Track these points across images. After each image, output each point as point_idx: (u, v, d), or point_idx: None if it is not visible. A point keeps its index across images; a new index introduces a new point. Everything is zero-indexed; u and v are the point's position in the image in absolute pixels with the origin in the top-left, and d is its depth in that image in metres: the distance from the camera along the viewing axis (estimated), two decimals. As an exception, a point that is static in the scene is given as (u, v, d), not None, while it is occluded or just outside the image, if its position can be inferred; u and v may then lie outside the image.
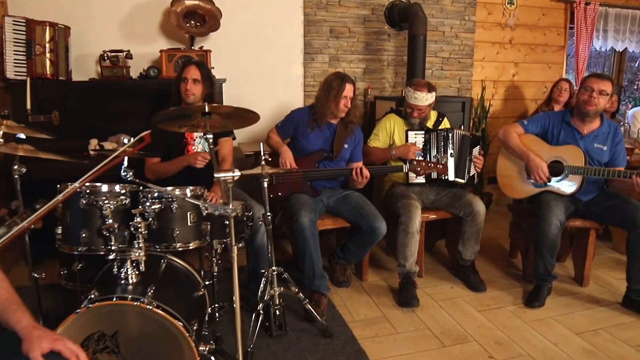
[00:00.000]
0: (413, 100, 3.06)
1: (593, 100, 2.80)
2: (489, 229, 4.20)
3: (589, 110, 2.83)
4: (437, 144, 3.04)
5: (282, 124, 3.06)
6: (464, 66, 4.63)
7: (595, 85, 2.80)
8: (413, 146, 3.00)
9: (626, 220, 2.73)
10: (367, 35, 4.33)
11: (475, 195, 3.05)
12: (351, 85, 2.87)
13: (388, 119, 3.21)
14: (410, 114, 3.11)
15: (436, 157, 3.03)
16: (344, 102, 2.87)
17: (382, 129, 3.19)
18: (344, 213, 2.93)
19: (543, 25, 4.98)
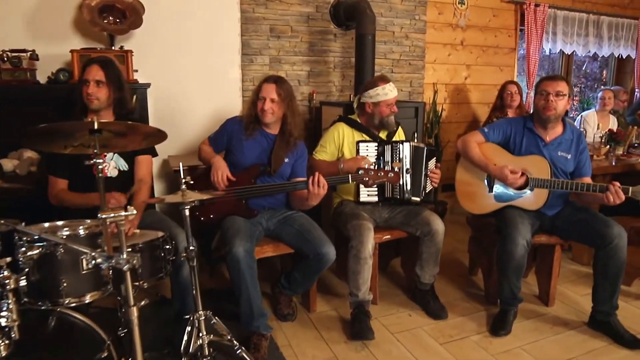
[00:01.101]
0: (384, 96, 2.74)
1: (551, 104, 2.57)
2: (444, 242, 3.94)
3: (549, 116, 2.59)
4: (392, 157, 2.71)
5: (214, 135, 2.67)
6: (415, 68, 4.36)
7: (550, 87, 2.58)
8: (364, 159, 2.66)
9: (595, 237, 2.50)
10: (312, 34, 3.97)
11: (433, 213, 2.73)
12: (271, 85, 2.50)
13: (336, 128, 2.85)
14: (389, 115, 2.79)
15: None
16: (262, 104, 2.49)
17: (330, 140, 2.83)
18: (286, 238, 2.55)
19: (494, 27, 4.80)
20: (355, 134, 2.82)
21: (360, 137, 2.80)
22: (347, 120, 2.87)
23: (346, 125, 2.84)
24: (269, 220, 2.60)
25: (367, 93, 2.77)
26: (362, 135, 2.81)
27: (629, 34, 5.72)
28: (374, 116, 2.78)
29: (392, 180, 2.39)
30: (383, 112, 2.77)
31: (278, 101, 2.50)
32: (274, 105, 2.50)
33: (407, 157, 2.69)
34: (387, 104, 2.76)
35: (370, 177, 2.38)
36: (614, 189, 2.37)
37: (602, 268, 2.52)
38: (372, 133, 2.81)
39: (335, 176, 2.48)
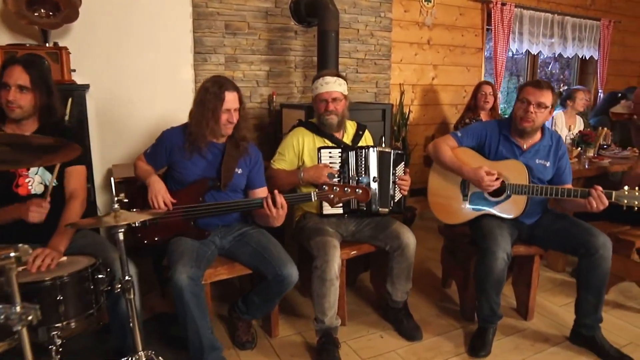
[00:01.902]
0: (323, 88, 2.48)
1: (529, 115, 2.37)
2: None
3: (525, 127, 2.41)
4: (357, 165, 2.46)
5: (151, 150, 2.32)
6: (381, 68, 4.14)
7: (533, 97, 2.36)
8: (326, 168, 2.40)
9: (578, 247, 2.32)
10: (271, 32, 3.69)
11: (403, 225, 2.50)
12: (234, 93, 2.18)
13: (295, 134, 2.58)
14: (324, 113, 2.50)
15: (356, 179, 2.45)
16: (227, 116, 2.18)
17: (289, 147, 2.55)
18: (242, 257, 2.26)
19: (461, 26, 4.65)
20: (316, 140, 2.55)
21: (322, 142, 2.54)
22: (307, 125, 2.60)
23: (306, 130, 2.57)
24: (223, 238, 2.31)
25: (313, 85, 2.54)
26: (324, 140, 2.55)
27: (592, 35, 5.70)
28: (315, 113, 2.54)
29: (361, 198, 2.14)
30: (319, 107, 2.51)
31: (238, 109, 2.22)
32: (236, 114, 2.21)
33: (373, 164, 2.45)
34: (320, 99, 2.50)
35: (335, 195, 2.12)
36: (597, 193, 2.19)
37: (586, 279, 2.34)
38: (335, 138, 2.55)
39: (295, 194, 2.21)
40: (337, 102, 2.49)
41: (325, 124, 2.52)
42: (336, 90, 2.49)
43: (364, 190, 2.11)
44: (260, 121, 3.73)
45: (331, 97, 2.48)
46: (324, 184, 2.16)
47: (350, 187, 2.12)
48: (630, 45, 6.41)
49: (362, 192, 2.11)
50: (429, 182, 2.62)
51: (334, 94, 2.48)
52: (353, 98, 3.99)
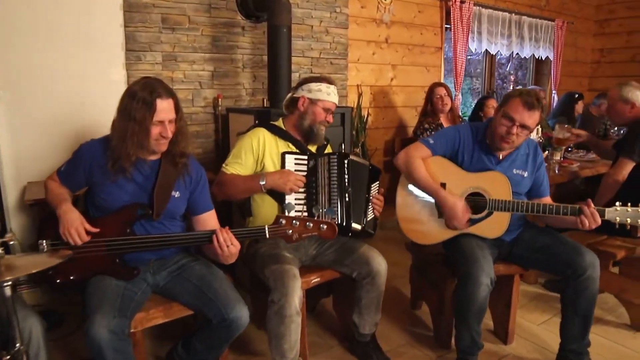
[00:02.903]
0: (326, 96, 2.18)
1: (511, 137, 2.10)
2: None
3: (503, 148, 2.16)
4: (329, 175, 2.11)
5: (66, 167, 1.86)
6: (337, 68, 3.82)
7: (520, 117, 2.06)
8: (294, 174, 2.05)
9: (563, 267, 2.08)
10: (215, 27, 3.29)
11: (372, 248, 2.18)
12: (169, 100, 1.75)
13: (255, 134, 2.19)
14: (321, 123, 2.19)
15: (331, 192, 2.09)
16: (159, 130, 1.76)
17: (247, 149, 2.16)
18: (181, 296, 1.86)
19: (419, 24, 4.41)
20: (279, 144, 2.19)
21: (285, 147, 2.18)
22: (269, 126, 2.23)
23: (268, 132, 2.20)
24: (156, 274, 1.90)
25: (308, 86, 2.19)
26: (288, 145, 2.19)
27: (547, 35, 5.64)
28: (305, 117, 2.19)
29: (326, 235, 1.77)
30: (318, 115, 2.18)
31: (174, 120, 1.81)
32: (172, 126, 1.81)
33: (346, 174, 2.11)
34: (325, 107, 2.19)
35: (295, 230, 1.75)
36: (590, 211, 1.95)
37: (572, 302, 2.11)
38: (300, 144, 2.20)
39: (244, 230, 1.81)
40: (332, 114, 2.24)
41: (316, 133, 2.20)
42: (336, 102, 2.24)
43: (329, 226, 1.74)
44: (204, 128, 3.33)
45: (332, 109, 2.21)
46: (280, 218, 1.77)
47: (313, 222, 1.75)
48: (581, 46, 6.44)
49: (328, 228, 1.74)
50: (398, 196, 2.31)
51: (334, 107, 2.23)
52: (308, 101, 3.65)
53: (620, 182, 2.63)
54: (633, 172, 2.67)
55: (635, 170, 2.67)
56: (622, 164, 2.65)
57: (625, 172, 2.64)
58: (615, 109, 2.84)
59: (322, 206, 2.05)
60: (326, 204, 2.06)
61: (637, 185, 2.64)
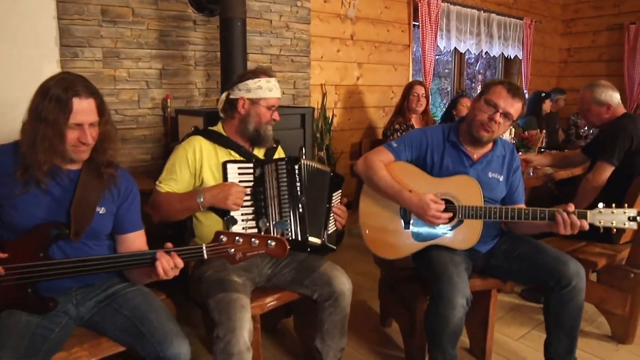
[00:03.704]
0: (267, 92, 1.91)
1: (492, 125, 1.90)
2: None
3: (483, 137, 1.94)
4: (278, 184, 1.85)
5: None
6: (299, 66, 3.58)
7: (503, 103, 1.88)
8: (235, 187, 1.78)
9: (545, 278, 1.88)
10: (163, 20, 2.99)
11: (335, 266, 1.93)
12: (89, 99, 1.47)
13: (190, 144, 1.92)
14: (268, 123, 1.93)
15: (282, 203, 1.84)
16: (77, 134, 1.47)
17: (181, 162, 1.88)
18: (111, 330, 1.57)
19: (386, 20, 4.21)
20: (219, 152, 1.92)
21: (227, 155, 1.91)
22: (207, 133, 1.95)
23: (205, 140, 1.92)
24: (80, 305, 1.61)
25: (245, 84, 1.92)
26: (230, 153, 1.92)
27: (516, 34, 5.54)
28: (248, 121, 1.92)
29: (275, 253, 1.51)
30: (262, 115, 1.92)
31: (96, 123, 1.52)
32: (94, 131, 1.52)
33: (301, 182, 1.86)
34: (268, 105, 1.93)
35: (238, 249, 1.49)
36: (567, 217, 1.76)
37: (557, 316, 1.92)
38: (244, 150, 1.94)
39: (178, 249, 1.54)
40: (276, 110, 1.96)
41: (265, 136, 1.94)
42: (279, 97, 1.97)
43: (278, 243, 1.48)
44: (152, 131, 3.02)
45: (277, 104, 1.95)
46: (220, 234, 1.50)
47: (260, 238, 1.49)
48: (549, 46, 6.39)
49: (277, 244, 1.48)
50: (360, 206, 2.08)
51: (278, 102, 1.97)
52: (268, 101, 3.39)
53: (600, 187, 2.48)
54: (611, 176, 2.52)
55: (613, 174, 2.52)
56: (601, 169, 2.50)
57: (605, 176, 2.48)
58: (591, 112, 2.69)
59: (272, 219, 1.80)
60: (277, 217, 1.81)
61: (614, 190, 2.48)
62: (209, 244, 1.51)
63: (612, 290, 2.42)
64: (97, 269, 1.55)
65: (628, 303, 2.37)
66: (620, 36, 5.90)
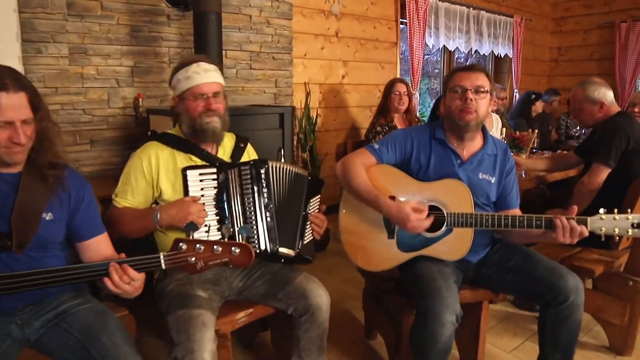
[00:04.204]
0: (200, 78, 1.67)
1: (470, 105, 1.76)
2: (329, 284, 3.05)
3: (469, 122, 1.78)
4: (242, 190, 1.69)
5: None
6: (281, 64, 3.42)
7: (467, 81, 1.78)
8: (193, 205, 1.60)
9: (542, 291, 1.73)
10: (134, 15, 2.82)
11: (311, 277, 1.77)
12: (18, 94, 1.28)
13: (145, 152, 1.73)
14: (204, 115, 1.68)
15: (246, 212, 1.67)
16: (7, 134, 1.29)
17: (136, 171, 1.70)
18: (60, 353, 1.40)
19: (372, 17, 4.07)
20: (178, 158, 1.73)
21: (187, 161, 1.73)
22: (163, 138, 1.77)
23: (162, 146, 1.74)
24: (26, 326, 1.43)
25: (174, 82, 1.74)
26: (191, 157, 1.75)
27: (506, 32, 5.43)
28: (182, 119, 1.73)
29: (239, 261, 1.34)
30: (192, 109, 1.69)
31: (30, 120, 1.35)
32: (28, 129, 1.35)
33: (269, 188, 1.70)
34: (195, 94, 1.69)
35: (198, 257, 1.32)
36: (567, 222, 1.61)
37: (552, 333, 1.76)
38: (205, 153, 1.76)
39: (134, 259, 1.37)
40: (219, 98, 1.71)
41: (205, 130, 1.70)
42: (218, 81, 1.72)
43: (243, 250, 1.32)
44: (124, 133, 2.85)
45: (212, 90, 1.69)
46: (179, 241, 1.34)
47: (223, 245, 1.32)
48: (540, 44, 6.29)
49: (242, 251, 1.32)
50: (340, 213, 1.92)
51: (216, 87, 1.71)
52: (247, 100, 3.23)
53: (596, 190, 2.35)
54: (607, 178, 2.38)
55: (609, 175, 2.38)
56: (597, 171, 2.36)
57: (601, 179, 2.35)
58: (584, 111, 2.55)
59: (236, 223, 1.64)
60: None
61: (611, 192, 2.35)
62: (168, 252, 1.34)
63: (609, 299, 2.28)
64: (43, 283, 1.37)
65: (627, 313, 2.23)
66: (611, 35, 5.81)
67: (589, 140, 2.73)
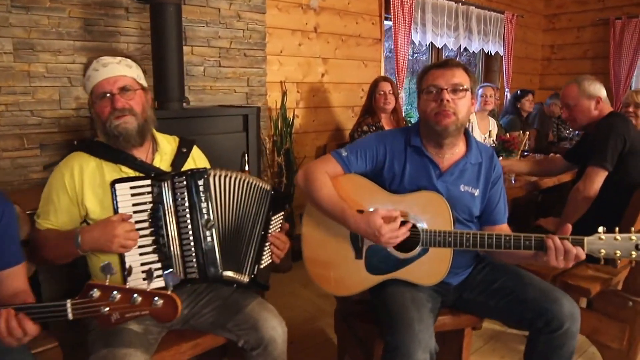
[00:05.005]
0: (100, 74, 1.44)
1: (447, 107, 1.53)
2: (305, 298, 2.83)
3: (447, 126, 1.55)
4: (176, 206, 1.43)
5: None
6: (253, 61, 3.17)
7: (443, 79, 1.55)
8: (120, 225, 1.35)
9: (534, 317, 1.51)
10: (88, 7, 2.57)
11: (265, 304, 1.53)
12: None
13: (67, 164, 1.49)
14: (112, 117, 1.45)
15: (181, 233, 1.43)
16: None
17: (58, 187, 1.46)
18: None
19: (354, 11, 3.83)
20: (107, 169, 1.49)
21: (116, 172, 1.49)
22: (90, 147, 1.53)
23: (88, 156, 1.49)
24: None
25: (86, 80, 1.50)
26: (121, 168, 1.50)
27: (496, 29, 5.21)
28: (96, 124, 1.50)
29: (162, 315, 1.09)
30: (100, 111, 1.46)
31: None
32: None
33: (211, 202, 1.46)
34: (98, 94, 1.46)
35: (113, 308, 1.08)
36: (562, 245, 1.38)
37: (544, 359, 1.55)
38: (139, 162, 1.52)
39: (35, 306, 1.12)
40: (128, 94, 1.46)
41: (116, 134, 1.46)
42: (124, 74, 1.47)
43: (167, 301, 1.07)
44: (78, 136, 2.60)
45: (117, 86, 1.45)
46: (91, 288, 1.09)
47: (143, 294, 1.07)
48: (532, 42, 6.08)
49: (165, 303, 1.07)
50: (303, 230, 1.68)
51: (122, 81, 1.46)
52: (216, 100, 2.99)
53: (592, 197, 2.13)
54: (602, 184, 2.17)
55: (604, 181, 2.17)
56: (592, 175, 2.15)
57: (597, 184, 2.13)
58: (579, 108, 2.33)
59: (174, 253, 1.40)
60: (178, 251, 1.41)
61: (607, 200, 2.14)
62: (76, 300, 1.10)
63: (607, 320, 2.06)
64: None
65: (626, 336, 2.01)
66: (605, 32, 5.61)
67: (582, 143, 2.53)
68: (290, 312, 2.67)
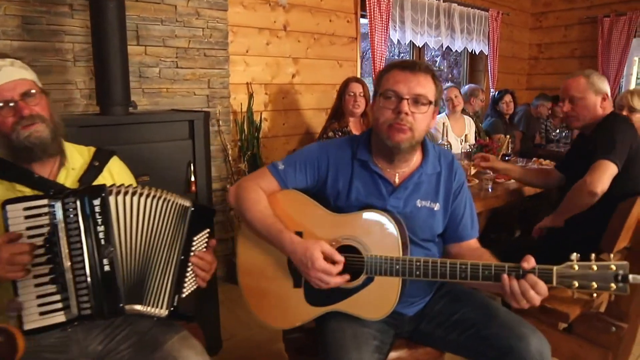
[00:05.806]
0: None
1: (403, 119, 1.32)
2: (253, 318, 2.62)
3: (399, 143, 1.34)
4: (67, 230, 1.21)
5: None
6: (214, 62, 2.97)
7: (405, 86, 1.32)
8: (7, 247, 1.13)
9: (496, 356, 1.31)
10: (26, 4, 2.36)
11: (187, 340, 1.33)
12: None
13: None
14: (16, 128, 1.25)
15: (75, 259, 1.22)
16: None
17: None
18: None
19: (328, 9, 3.64)
20: (2, 187, 1.30)
21: (10, 191, 1.29)
22: None
23: None
24: None
25: None
26: (15, 187, 1.30)
27: (481, 27, 5.03)
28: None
29: None
30: (1, 125, 1.26)
31: None
32: None
33: (110, 225, 1.25)
34: None
35: None
36: (517, 287, 1.18)
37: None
38: (37, 178, 1.32)
39: None
40: (32, 99, 1.28)
41: (29, 146, 1.27)
42: (23, 77, 1.30)
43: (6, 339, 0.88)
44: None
45: (17, 92, 1.27)
46: None
47: None
48: (518, 41, 5.91)
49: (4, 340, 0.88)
50: (238, 253, 1.48)
51: (22, 86, 1.28)
52: (173, 104, 2.79)
53: (598, 195, 1.86)
54: None
55: None
56: (601, 168, 1.88)
57: (607, 179, 1.87)
58: (585, 102, 2.08)
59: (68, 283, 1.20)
60: (71, 282, 1.21)
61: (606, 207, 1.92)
62: None
63: (588, 346, 1.88)
64: None
65: (608, 363, 1.83)
66: (593, 30, 5.44)
67: (573, 150, 2.34)
68: (247, 332, 2.48)
